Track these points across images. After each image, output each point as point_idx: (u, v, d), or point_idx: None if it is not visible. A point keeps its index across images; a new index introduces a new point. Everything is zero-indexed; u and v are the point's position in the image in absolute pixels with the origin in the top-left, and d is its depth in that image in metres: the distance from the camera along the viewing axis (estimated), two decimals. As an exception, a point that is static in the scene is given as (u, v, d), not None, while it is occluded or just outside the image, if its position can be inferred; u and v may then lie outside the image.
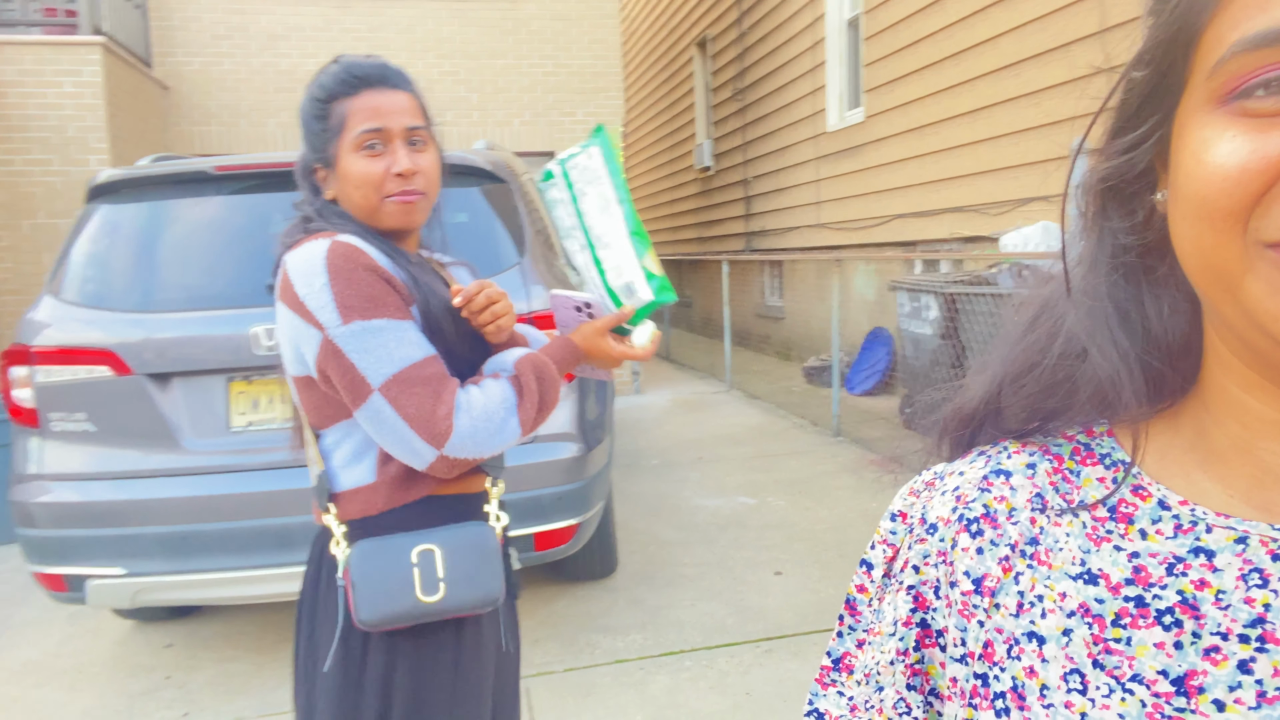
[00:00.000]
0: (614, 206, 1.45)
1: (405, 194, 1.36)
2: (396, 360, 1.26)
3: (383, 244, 1.36)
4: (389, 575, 1.31)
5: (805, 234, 9.59)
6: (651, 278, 1.46)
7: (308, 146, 1.42)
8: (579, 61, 8.37)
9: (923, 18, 7.13)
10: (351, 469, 1.37)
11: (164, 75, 7.54)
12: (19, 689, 3.15)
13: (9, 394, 2.80)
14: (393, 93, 1.38)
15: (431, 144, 1.43)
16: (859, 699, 0.54)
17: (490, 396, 1.31)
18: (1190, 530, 0.43)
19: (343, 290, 1.26)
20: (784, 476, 5.38)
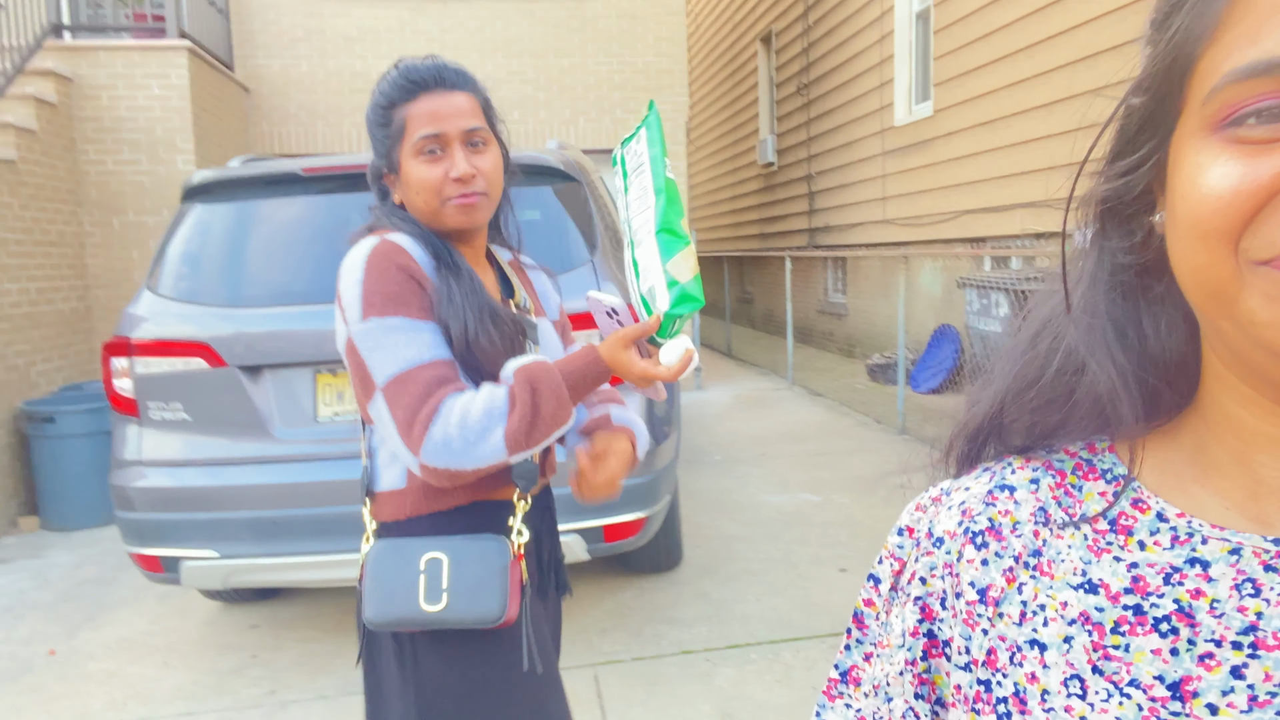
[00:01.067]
0: (650, 197, 1.29)
1: (464, 196, 1.35)
2: (402, 360, 1.25)
3: (437, 245, 1.35)
4: (396, 579, 1.30)
5: (870, 230, 9.50)
6: (672, 284, 1.26)
7: (374, 152, 1.43)
8: (644, 59, 8.42)
9: (996, 9, 7.01)
10: (389, 470, 1.38)
11: (244, 77, 7.81)
12: (115, 664, 3.33)
13: (110, 384, 2.96)
14: (450, 94, 1.37)
15: (492, 143, 1.41)
16: (867, 711, 0.56)
17: (475, 405, 1.25)
18: (1187, 541, 0.45)
19: (370, 287, 1.27)
20: (848, 474, 5.36)
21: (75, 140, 6.10)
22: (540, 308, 1.55)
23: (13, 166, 5.29)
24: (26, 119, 5.49)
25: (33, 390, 5.40)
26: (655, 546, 3.72)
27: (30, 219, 5.49)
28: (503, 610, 1.31)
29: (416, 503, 1.35)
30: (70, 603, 3.94)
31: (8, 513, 5.06)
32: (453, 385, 1.27)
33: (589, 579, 3.87)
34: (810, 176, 11.06)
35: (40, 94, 5.64)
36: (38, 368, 5.48)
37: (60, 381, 5.70)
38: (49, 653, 3.43)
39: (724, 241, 15.61)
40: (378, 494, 1.38)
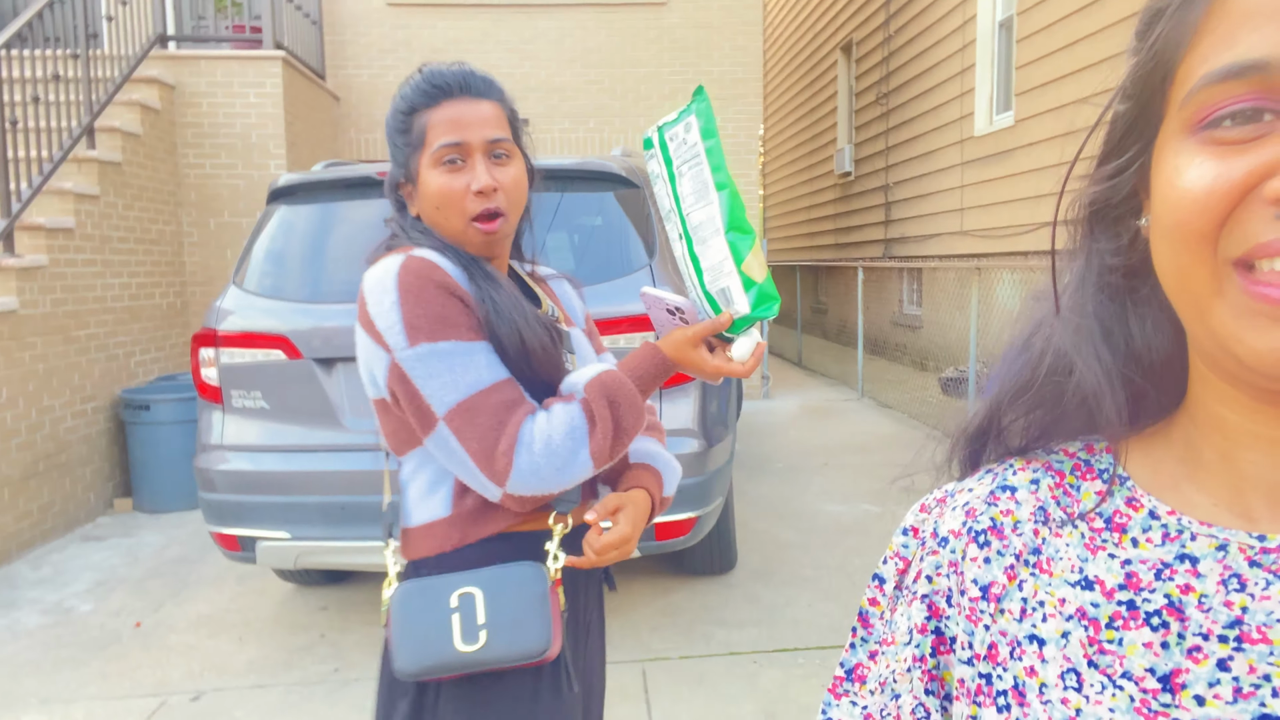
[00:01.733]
0: (711, 193, 1.23)
1: (486, 220, 1.28)
2: (463, 386, 1.18)
3: (462, 257, 1.28)
4: (427, 621, 1.21)
5: (947, 241, 9.35)
6: (749, 285, 1.23)
7: (393, 161, 1.36)
8: (720, 69, 8.48)
9: (1080, 18, 6.86)
10: (427, 501, 1.28)
11: (335, 86, 8.14)
12: (195, 638, 3.54)
13: (198, 373, 3.16)
14: (475, 102, 1.30)
15: (516, 156, 1.34)
16: (873, 708, 0.56)
17: (555, 427, 1.20)
18: (1177, 538, 0.46)
19: (411, 309, 1.19)
20: (912, 486, 5.30)
21: (176, 145, 6.47)
22: (568, 317, 1.49)
23: (119, 168, 5.65)
24: (132, 124, 5.85)
25: (131, 379, 5.74)
26: (708, 549, 3.77)
27: (134, 218, 5.85)
28: (548, 642, 1.21)
29: (465, 530, 1.27)
30: (157, 579, 4.19)
31: (104, 494, 5.39)
32: (523, 407, 1.21)
33: (643, 578, 3.94)
34: (887, 186, 10.94)
35: (145, 100, 6.00)
36: (136, 358, 5.83)
37: (157, 372, 6.04)
38: (135, 625, 3.66)
39: (799, 251, 15.52)
40: (412, 530, 1.29)
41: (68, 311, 5.07)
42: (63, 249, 5.04)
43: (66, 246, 5.08)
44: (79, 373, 5.17)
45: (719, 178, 1.22)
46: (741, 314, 1.23)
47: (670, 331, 1.30)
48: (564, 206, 3.30)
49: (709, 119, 1.23)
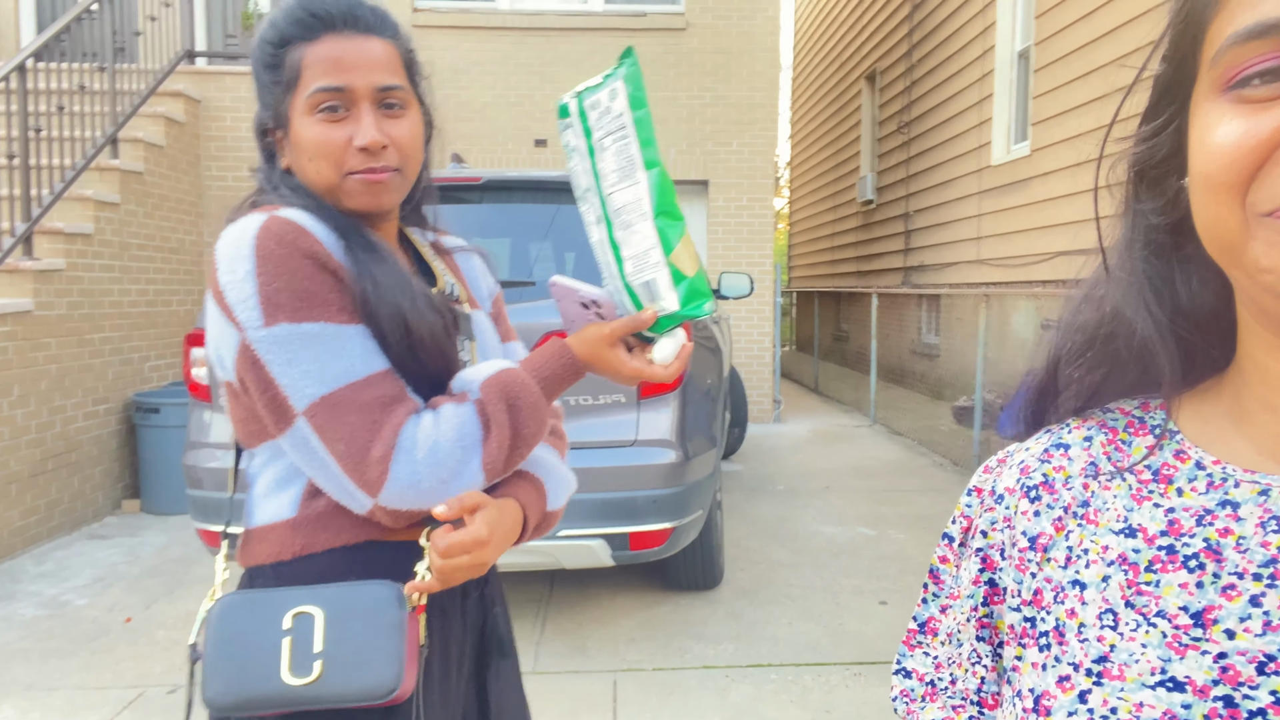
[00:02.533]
0: (639, 171, 1.06)
1: (370, 171, 1.08)
2: (329, 377, 0.99)
3: (341, 221, 1.08)
4: (251, 642, 0.99)
5: (964, 270, 9.31)
6: (679, 279, 1.08)
7: (260, 102, 1.15)
8: (737, 94, 8.55)
9: (1095, 49, 6.85)
10: (272, 500, 1.08)
11: (359, 104, 8.33)
12: (180, 634, 3.59)
13: (189, 372, 3.24)
14: (363, 39, 1.08)
15: (413, 107, 1.13)
16: (943, 657, 0.61)
17: (443, 431, 1.02)
18: (1220, 486, 0.48)
19: (270, 281, 0.99)
20: (910, 511, 5.27)
21: (200, 157, 6.64)
22: (472, 297, 1.27)
23: (140, 178, 5.81)
24: (156, 136, 6.03)
25: (145, 384, 5.87)
26: (693, 564, 3.77)
27: (154, 226, 6.00)
28: (397, 680, 0.99)
29: (310, 537, 1.06)
30: (154, 577, 4.26)
31: (113, 495, 5.49)
32: (404, 405, 1.03)
33: (626, 592, 3.94)
34: (908, 215, 10.93)
35: (170, 113, 6.18)
36: (151, 363, 5.96)
37: (171, 377, 6.17)
38: (125, 620, 3.72)
39: (821, 278, 15.51)
40: (251, 532, 1.09)
41: (83, 315, 5.20)
42: (81, 254, 5.19)
43: (85, 251, 5.23)
44: (92, 374, 5.29)
45: (648, 154, 1.06)
46: (668, 311, 1.08)
47: (583, 328, 1.14)
48: (555, 218, 3.35)
49: (638, 85, 1.07)
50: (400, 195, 1.13)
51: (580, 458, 3.06)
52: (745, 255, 8.57)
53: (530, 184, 3.34)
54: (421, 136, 1.15)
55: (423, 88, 1.18)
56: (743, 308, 8.56)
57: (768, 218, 8.69)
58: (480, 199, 3.29)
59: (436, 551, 1.01)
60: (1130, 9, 6.38)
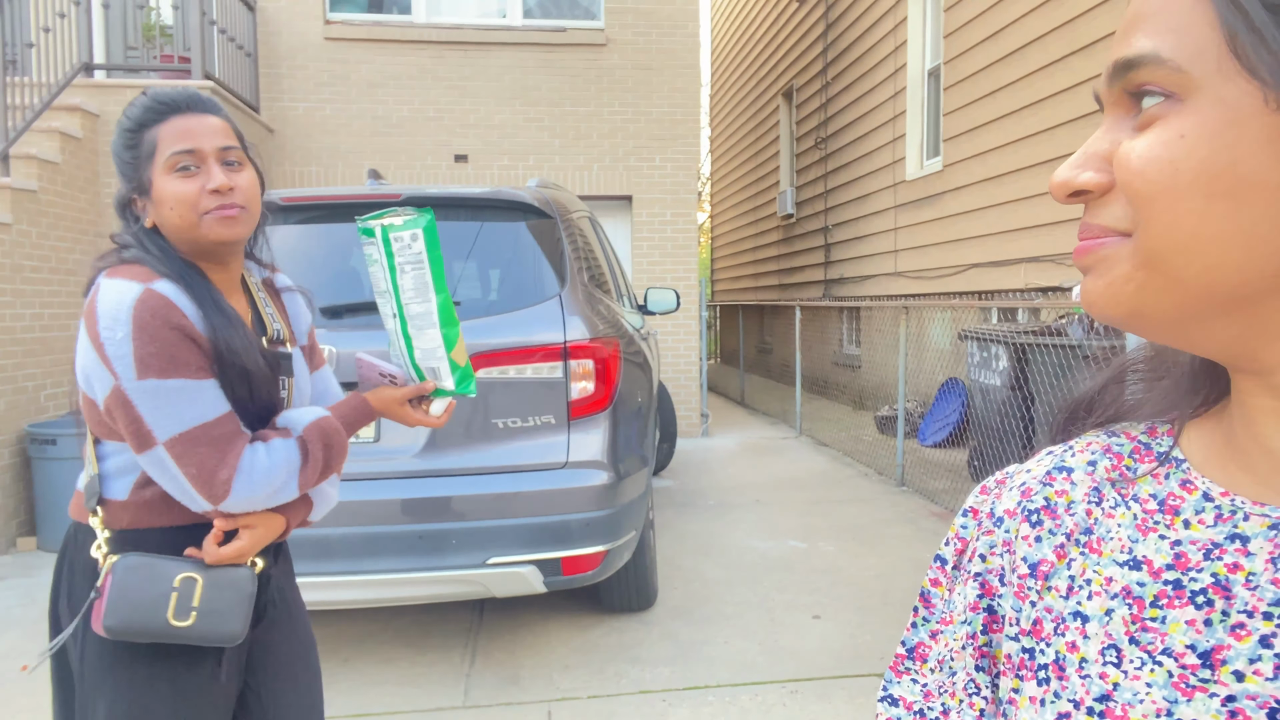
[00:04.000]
0: (431, 295, 1.51)
1: (223, 208, 1.36)
2: (187, 419, 1.30)
3: (198, 288, 1.36)
4: (147, 591, 1.32)
5: (882, 282, 9.51)
6: (455, 368, 1.56)
7: (122, 179, 1.41)
8: (659, 109, 8.57)
9: (1002, 67, 7.09)
10: (116, 480, 1.39)
11: (270, 119, 8.06)
12: (84, 681, 3.36)
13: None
14: (202, 116, 1.39)
15: (248, 165, 1.43)
16: (933, 685, 0.58)
17: (274, 460, 1.36)
18: (1230, 519, 0.46)
19: (144, 347, 1.28)
20: (839, 523, 5.31)
21: (99, 173, 6.32)
22: (293, 334, 1.58)
23: (34, 196, 5.49)
24: (51, 152, 5.71)
25: (41, 414, 5.53)
26: (626, 586, 3.71)
27: (49, 247, 5.67)
28: (244, 631, 1.40)
29: (137, 515, 1.38)
30: (52, 621, 3.99)
31: (7, 532, 5.15)
32: (242, 439, 1.35)
33: (559, 616, 3.85)
34: (827, 228, 11.13)
35: (66, 129, 5.86)
36: (46, 391, 5.62)
37: (68, 406, 5.82)
38: (21, 668, 3.47)
39: (744, 291, 15.67)
40: (109, 502, 1.40)
41: (-29, 342, 4.87)
42: (-32, 277, 4.86)
43: (-28, 275, 4.90)
44: (-19, 406, 4.95)
45: (438, 284, 1.51)
46: (447, 389, 1.59)
47: (379, 388, 1.59)
48: (478, 235, 3.27)
49: (434, 238, 1.50)
50: (248, 230, 1.42)
51: (510, 482, 2.97)
52: (670, 270, 8.58)
53: (452, 200, 3.25)
54: (258, 186, 1.45)
55: (252, 151, 1.47)
56: (669, 323, 8.56)
57: (691, 232, 8.72)
58: (400, 217, 3.19)
59: (208, 558, 1.38)
60: (1034, 29, 6.61)
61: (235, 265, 1.47)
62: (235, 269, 1.47)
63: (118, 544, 1.38)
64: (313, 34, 8.13)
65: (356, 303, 3.08)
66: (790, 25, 12.65)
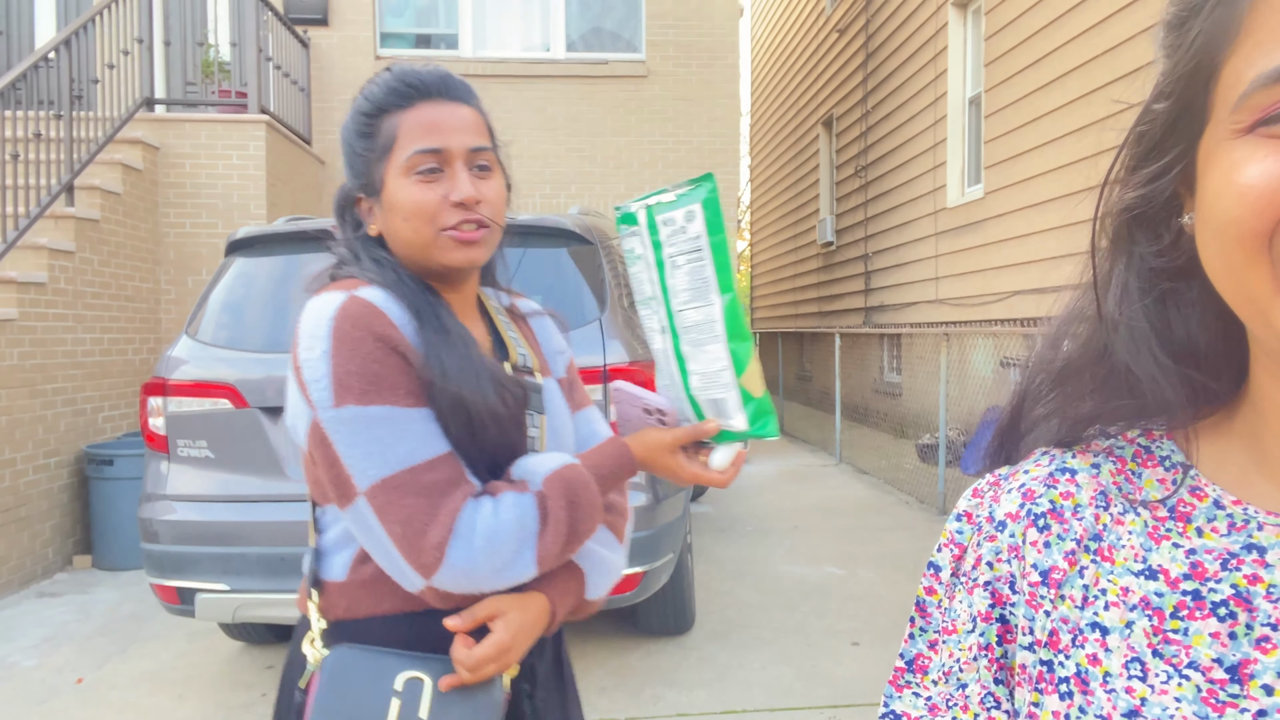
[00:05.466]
0: (713, 295, 1.09)
1: (465, 228, 1.12)
2: (391, 461, 1.03)
3: (418, 300, 1.12)
4: (362, 699, 1.06)
5: (923, 309, 9.46)
6: (748, 400, 1.11)
7: (350, 172, 1.18)
8: (699, 139, 8.68)
9: (1044, 95, 7.07)
10: (334, 556, 1.15)
11: (321, 150, 8.31)
12: (134, 695, 3.46)
13: (146, 422, 3.16)
14: (455, 106, 1.14)
15: (498, 170, 1.18)
16: (938, 698, 0.55)
17: (503, 521, 1.05)
18: (1243, 528, 0.46)
19: (343, 364, 1.04)
20: (879, 550, 5.27)
21: (158, 204, 6.56)
22: (544, 364, 1.28)
23: (96, 225, 5.72)
24: (113, 183, 5.95)
25: (99, 435, 5.71)
26: (664, 609, 3.72)
27: (109, 274, 5.90)
28: None
29: (355, 600, 1.12)
30: (105, 636, 4.11)
31: (64, 550, 5.32)
32: (462, 489, 1.06)
33: (596, 639, 3.88)
34: (867, 256, 11.11)
35: (128, 160, 6.11)
36: (104, 414, 5.81)
37: (125, 428, 6.01)
38: (77, 681, 3.58)
39: (784, 319, 15.66)
40: (325, 583, 1.14)
41: (35, 365, 5.08)
42: (34, 303, 5.08)
43: (38, 301, 5.12)
44: (43, 426, 5.15)
45: (723, 279, 1.09)
46: (737, 430, 1.13)
47: (642, 431, 1.18)
48: (521, 261, 3.35)
49: (716, 212, 1.08)
50: (489, 252, 1.17)
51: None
52: (709, 297, 8.64)
53: (496, 228, 3.34)
54: (505, 199, 1.20)
55: (503, 152, 1.22)
56: (707, 349, 8.59)
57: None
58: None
59: (465, 667, 1.07)
60: (1075, 58, 6.60)
61: (469, 288, 1.22)
62: (469, 292, 1.22)
63: (333, 636, 1.12)
64: (363, 69, 8.38)
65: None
66: (830, 55, 12.74)
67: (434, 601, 1.07)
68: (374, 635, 1.10)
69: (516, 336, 1.26)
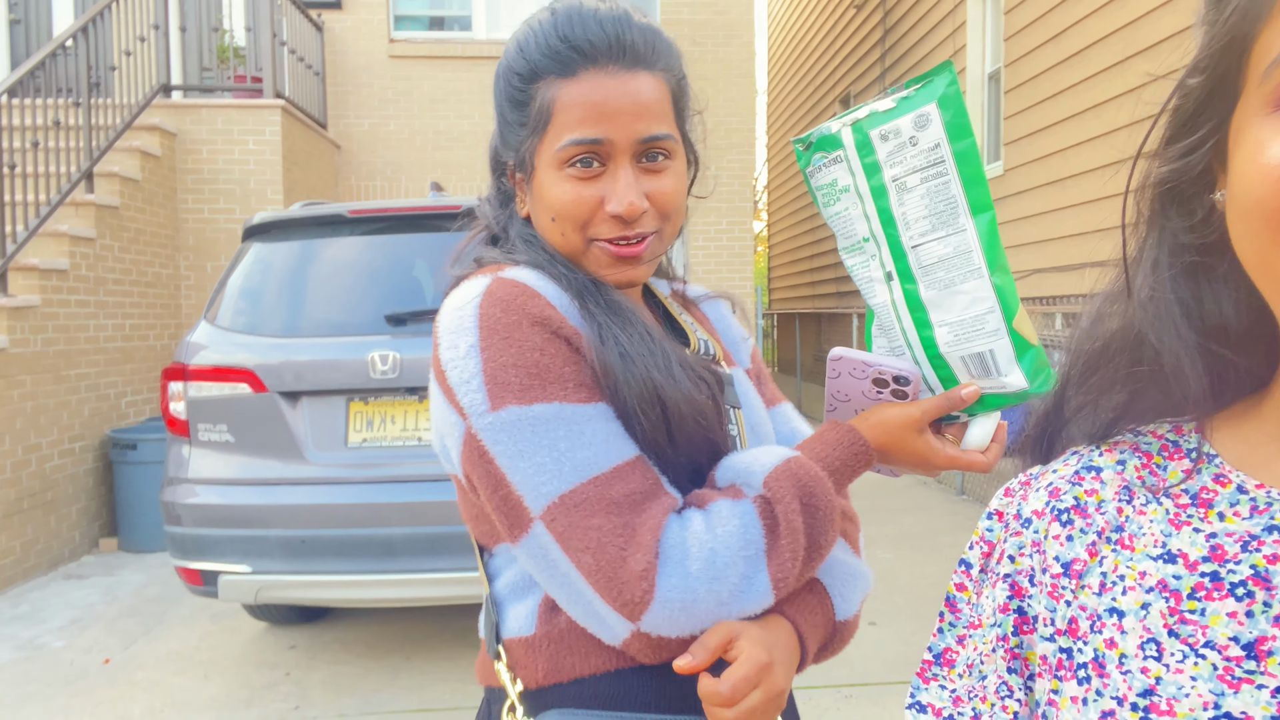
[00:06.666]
0: (963, 218, 0.85)
1: (621, 243, 0.90)
2: (568, 471, 0.82)
3: (574, 279, 0.91)
4: None
5: (942, 289, 9.39)
6: (1022, 349, 0.88)
7: (499, 135, 0.97)
8: (715, 118, 8.62)
9: (1064, 69, 6.97)
10: (516, 606, 0.92)
11: (337, 135, 8.32)
12: (160, 675, 3.52)
13: (167, 407, 3.20)
14: (630, 76, 0.89)
15: (678, 156, 0.94)
16: (961, 690, 0.56)
17: (721, 537, 0.81)
18: (1266, 510, 0.45)
19: (496, 357, 0.83)
20: (896, 531, 5.26)
21: (176, 190, 6.61)
22: (728, 354, 1.07)
23: (115, 212, 5.77)
24: (131, 169, 5.99)
25: (122, 420, 5.79)
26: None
27: (130, 261, 5.95)
28: None
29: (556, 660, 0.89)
30: (132, 617, 4.18)
31: (90, 533, 5.40)
32: (661, 501, 0.84)
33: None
34: (884, 235, 11.04)
35: (146, 147, 6.15)
36: (127, 399, 5.89)
37: (148, 413, 6.09)
38: (104, 661, 3.65)
39: (801, 300, 15.60)
40: (508, 642, 0.92)
41: (59, 351, 5.14)
42: (56, 290, 5.13)
43: (60, 287, 5.18)
44: (68, 412, 5.22)
45: (975, 196, 0.85)
46: (1013, 389, 0.89)
47: (872, 409, 0.93)
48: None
49: (960, 111, 0.86)
50: (653, 267, 0.95)
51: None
52: (726, 279, 8.60)
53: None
54: (685, 189, 0.96)
55: (690, 124, 0.99)
56: (724, 331, 8.59)
57: (747, 240, 8.74)
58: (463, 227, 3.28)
59: (720, 701, 0.80)
60: (1098, 30, 6.50)
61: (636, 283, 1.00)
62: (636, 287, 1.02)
63: (535, 705, 0.89)
64: (377, 53, 8.37)
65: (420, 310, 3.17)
66: (847, 31, 12.60)
67: (643, 654, 0.83)
68: (588, 698, 0.87)
69: (692, 322, 1.05)
